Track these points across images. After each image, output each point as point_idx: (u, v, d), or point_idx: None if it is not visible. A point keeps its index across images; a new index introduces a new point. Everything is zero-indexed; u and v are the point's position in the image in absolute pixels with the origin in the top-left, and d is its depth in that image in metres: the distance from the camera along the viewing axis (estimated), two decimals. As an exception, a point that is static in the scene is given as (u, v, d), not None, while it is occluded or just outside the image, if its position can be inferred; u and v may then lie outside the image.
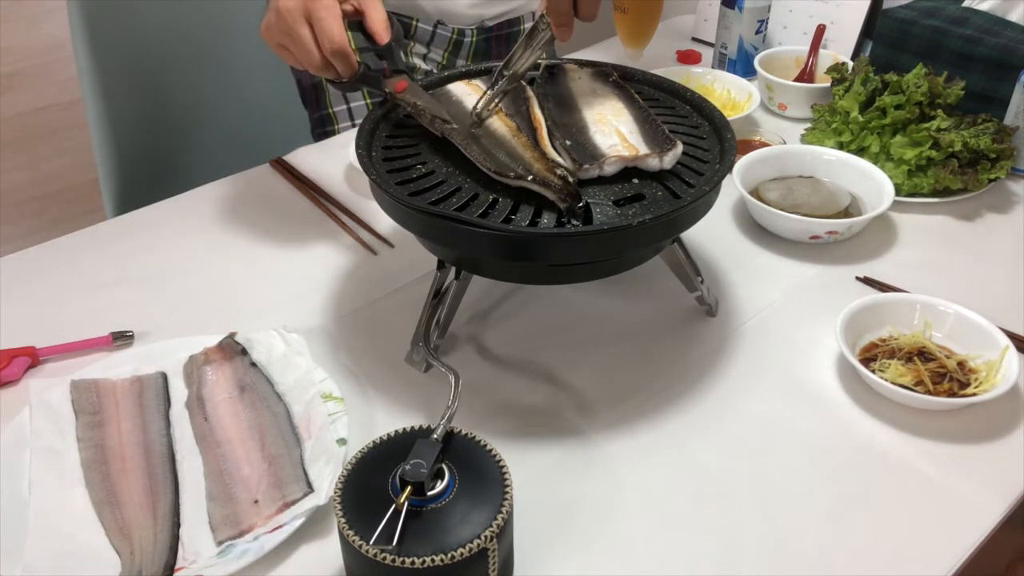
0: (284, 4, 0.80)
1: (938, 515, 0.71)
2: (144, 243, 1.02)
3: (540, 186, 0.72)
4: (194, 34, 1.33)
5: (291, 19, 0.80)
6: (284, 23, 0.81)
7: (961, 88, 1.10)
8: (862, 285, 0.95)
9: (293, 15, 0.80)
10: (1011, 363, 0.79)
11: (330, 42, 0.81)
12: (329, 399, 0.77)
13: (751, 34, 1.36)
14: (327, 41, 0.81)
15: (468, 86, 0.88)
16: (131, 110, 1.30)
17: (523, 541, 0.66)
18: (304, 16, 0.80)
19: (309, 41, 0.81)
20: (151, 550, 0.66)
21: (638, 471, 0.74)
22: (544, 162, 0.75)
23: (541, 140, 0.79)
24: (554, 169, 0.74)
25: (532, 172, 0.73)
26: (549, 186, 0.72)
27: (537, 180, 0.72)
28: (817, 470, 0.75)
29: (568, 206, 0.72)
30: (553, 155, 0.77)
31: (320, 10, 0.80)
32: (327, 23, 0.80)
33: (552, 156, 0.77)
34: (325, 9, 0.80)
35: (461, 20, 1.24)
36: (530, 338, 0.88)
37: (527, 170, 0.73)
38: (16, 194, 2.68)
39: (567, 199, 0.72)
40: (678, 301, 0.92)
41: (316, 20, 0.80)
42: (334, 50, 0.81)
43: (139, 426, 0.76)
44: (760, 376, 0.84)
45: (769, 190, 1.05)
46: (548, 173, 0.73)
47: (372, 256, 1.00)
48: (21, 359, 0.83)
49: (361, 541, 0.56)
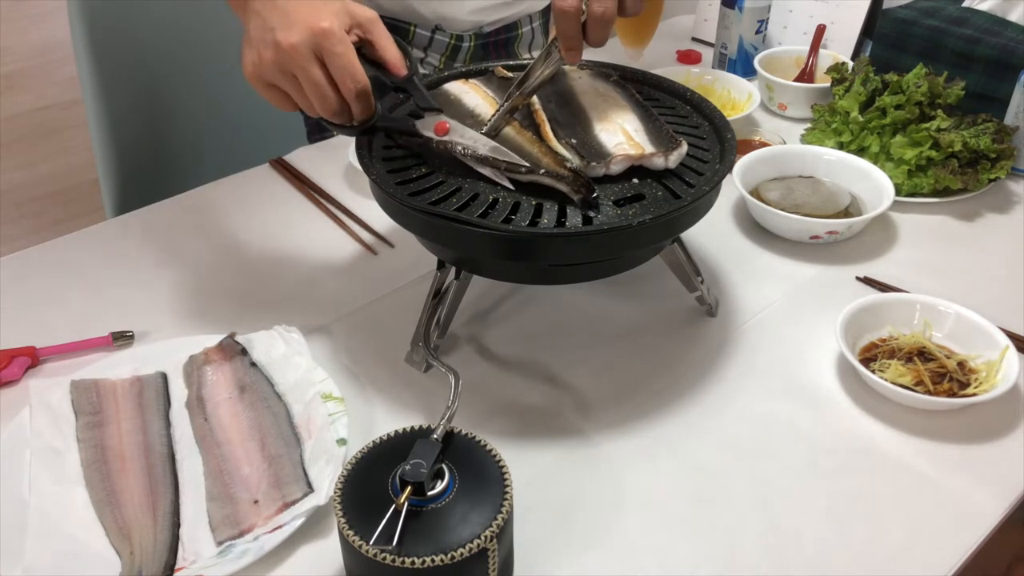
0: (285, 39, 0.69)
1: (938, 515, 0.71)
2: (144, 243, 1.02)
3: (553, 179, 0.72)
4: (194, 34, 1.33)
5: (297, 57, 0.69)
6: (286, 61, 0.70)
7: (961, 88, 1.10)
8: (862, 285, 0.95)
9: (300, 52, 0.69)
10: (1011, 363, 0.79)
11: (354, 82, 0.71)
12: (329, 399, 0.77)
13: (751, 34, 1.36)
14: (349, 81, 0.71)
15: (466, 84, 0.88)
16: (131, 110, 1.30)
17: (523, 541, 0.66)
18: (314, 53, 0.69)
19: (323, 82, 0.70)
20: (151, 550, 0.66)
21: (638, 471, 0.74)
22: (552, 156, 0.75)
23: (546, 136, 0.79)
24: (563, 163, 0.74)
25: (542, 166, 0.73)
26: (562, 179, 0.72)
27: (549, 174, 0.72)
28: (817, 470, 0.75)
29: (582, 197, 0.71)
30: (560, 149, 0.77)
31: (335, 45, 0.69)
32: (347, 59, 0.70)
33: (559, 150, 0.77)
34: (341, 44, 0.70)
35: (459, 26, 1.23)
36: (530, 338, 0.88)
37: (537, 165, 0.73)
38: (16, 194, 2.68)
39: (581, 190, 0.71)
40: (678, 301, 0.92)
41: (333, 57, 0.70)
42: (359, 91, 0.71)
43: (139, 426, 0.76)
44: (760, 376, 0.84)
45: (769, 190, 1.05)
46: (558, 167, 0.73)
47: (372, 256, 1.00)
48: (21, 359, 0.83)
49: (361, 541, 0.56)
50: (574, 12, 0.72)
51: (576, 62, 0.77)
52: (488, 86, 0.88)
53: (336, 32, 0.70)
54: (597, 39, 0.74)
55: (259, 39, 0.71)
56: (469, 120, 0.81)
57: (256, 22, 0.72)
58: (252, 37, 0.72)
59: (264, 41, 0.71)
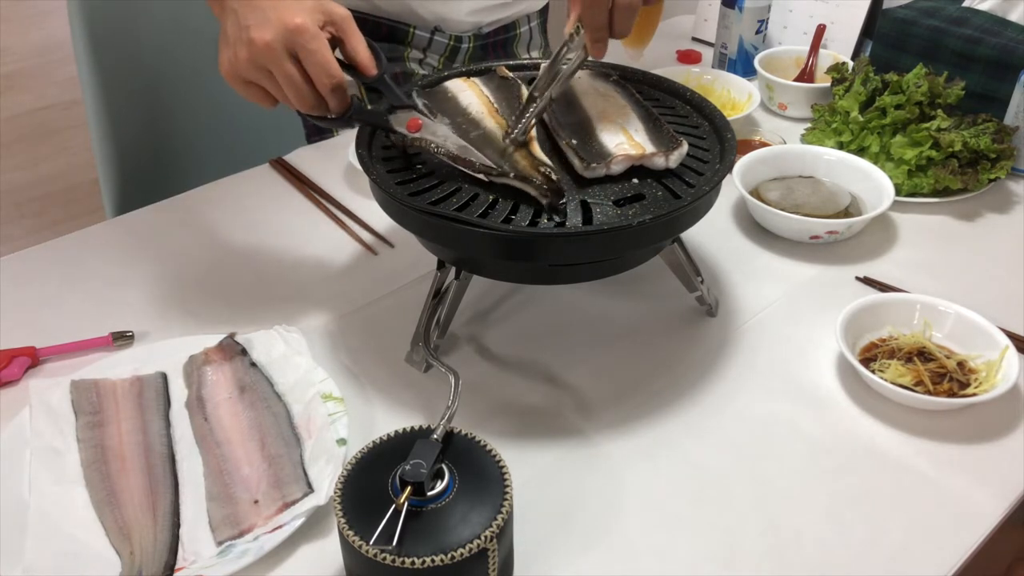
0: (259, 36, 0.70)
1: (938, 515, 0.71)
2: (144, 243, 1.02)
3: (521, 182, 0.73)
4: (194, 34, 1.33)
5: (271, 54, 0.70)
6: (261, 58, 0.71)
7: (961, 88, 1.10)
8: (862, 285, 0.95)
9: (273, 49, 0.70)
10: (1011, 363, 0.79)
11: (328, 77, 0.72)
12: (329, 399, 0.77)
13: (751, 34, 1.36)
14: (325, 76, 0.72)
15: (465, 83, 0.88)
16: (131, 110, 1.30)
17: (523, 541, 0.66)
18: (287, 49, 0.71)
19: (298, 78, 0.72)
20: (151, 550, 0.66)
21: (638, 471, 0.74)
22: (530, 160, 0.75)
23: (529, 138, 0.79)
24: (538, 167, 0.74)
25: (516, 169, 0.73)
26: (530, 182, 0.72)
27: (518, 176, 0.73)
28: (817, 470, 0.75)
29: (549, 202, 0.72)
30: (539, 154, 0.77)
31: (309, 42, 0.71)
32: (321, 56, 0.71)
33: (538, 155, 0.77)
34: (315, 40, 0.71)
35: (458, 27, 1.23)
36: (530, 338, 0.88)
37: (512, 167, 0.74)
38: (16, 194, 2.68)
39: (548, 195, 0.72)
40: (678, 301, 0.92)
41: (307, 53, 0.71)
42: (334, 85, 0.73)
43: (139, 426, 0.76)
44: (760, 376, 0.84)
45: (769, 190, 1.05)
46: (532, 170, 0.73)
47: (372, 256, 1.00)
48: (21, 359, 0.83)
49: (361, 541, 0.56)
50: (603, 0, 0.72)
51: (602, 56, 0.76)
52: (487, 86, 0.88)
53: (310, 28, 0.71)
54: (624, 28, 0.74)
55: (235, 37, 0.72)
56: (460, 117, 0.81)
57: (232, 20, 0.72)
58: (228, 35, 0.73)
59: (239, 39, 0.72)
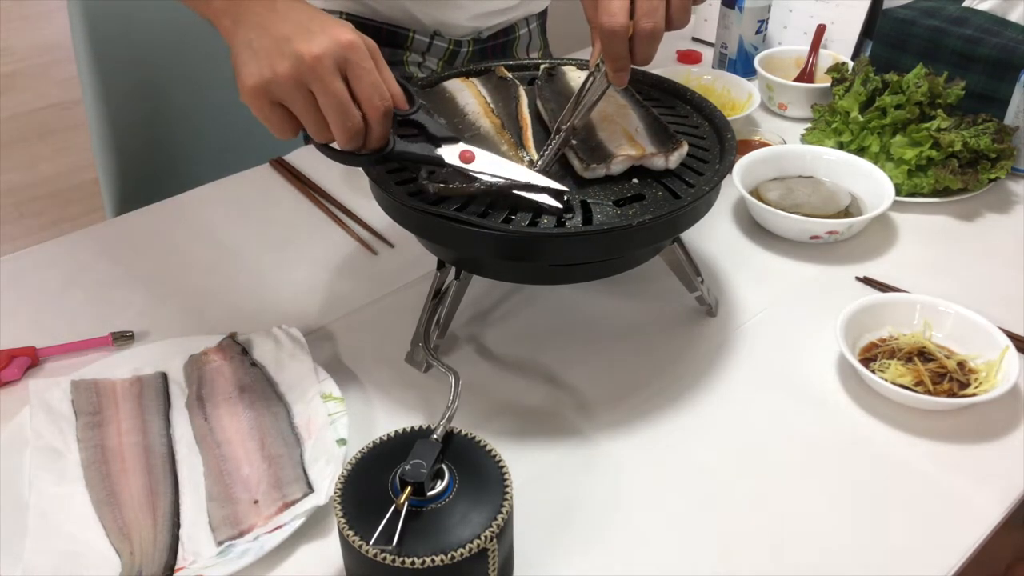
0: (307, 49, 0.61)
1: (938, 515, 0.71)
2: (144, 243, 1.02)
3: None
4: (194, 34, 1.33)
5: (320, 70, 0.62)
6: (308, 74, 0.62)
7: (961, 88, 1.10)
8: (862, 285, 0.95)
9: (325, 65, 0.62)
10: (1011, 363, 0.79)
11: (381, 99, 0.65)
12: (329, 399, 0.77)
13: (751, 34, 1.36)
14: (378, 98, 0.64)
15: (464, 83, 0.88)
16: (131, 110, 1.30)
17: (523, 541, 0.66)
18: (338, 67, 0.63)
19: (347, 98, 0.63)
20: (151, 550, 0.66)
21: (638, 471, 0.74)
22: (523, 162, 0.75)
23: (525, 141, 0.79)
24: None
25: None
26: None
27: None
28: (817, 470, 0.75)
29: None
30: (534, 155, 0.77)
31: (364, 59, 0.63)
32: (376, 76, 0.64)
33: (533, 156, 0.77)
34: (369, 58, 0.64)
35: (458, 32, 1.23)
36: (530, 338, 0.88)
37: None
38: (16, 194, 2.68)
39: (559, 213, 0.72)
40: (678, 301, 0.92)
41: (361, 72, 0.63)
42: (386, 110, 0.66)
43: (139, 426, 0.76)
44: (760, 376, 0.84)
45: (769, 190, 1.05)
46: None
47: (372, 256, 1.00)
48: (21, 359, 0.83)
49: (361, 541, 0.56)
50: (623, 31, 0.69)
51: (624, 84, 0.74)
52: (486, 86, 0.88)
53: (362, 46, 0.64)
54: (646, 57, 0.71)
55: (271, 50, 0.63)
56: (457, 118, 0.82)
57: (258, 33, 0.64)
58: (258, 49, 0.63)
59: (280, 52, 0.62)
